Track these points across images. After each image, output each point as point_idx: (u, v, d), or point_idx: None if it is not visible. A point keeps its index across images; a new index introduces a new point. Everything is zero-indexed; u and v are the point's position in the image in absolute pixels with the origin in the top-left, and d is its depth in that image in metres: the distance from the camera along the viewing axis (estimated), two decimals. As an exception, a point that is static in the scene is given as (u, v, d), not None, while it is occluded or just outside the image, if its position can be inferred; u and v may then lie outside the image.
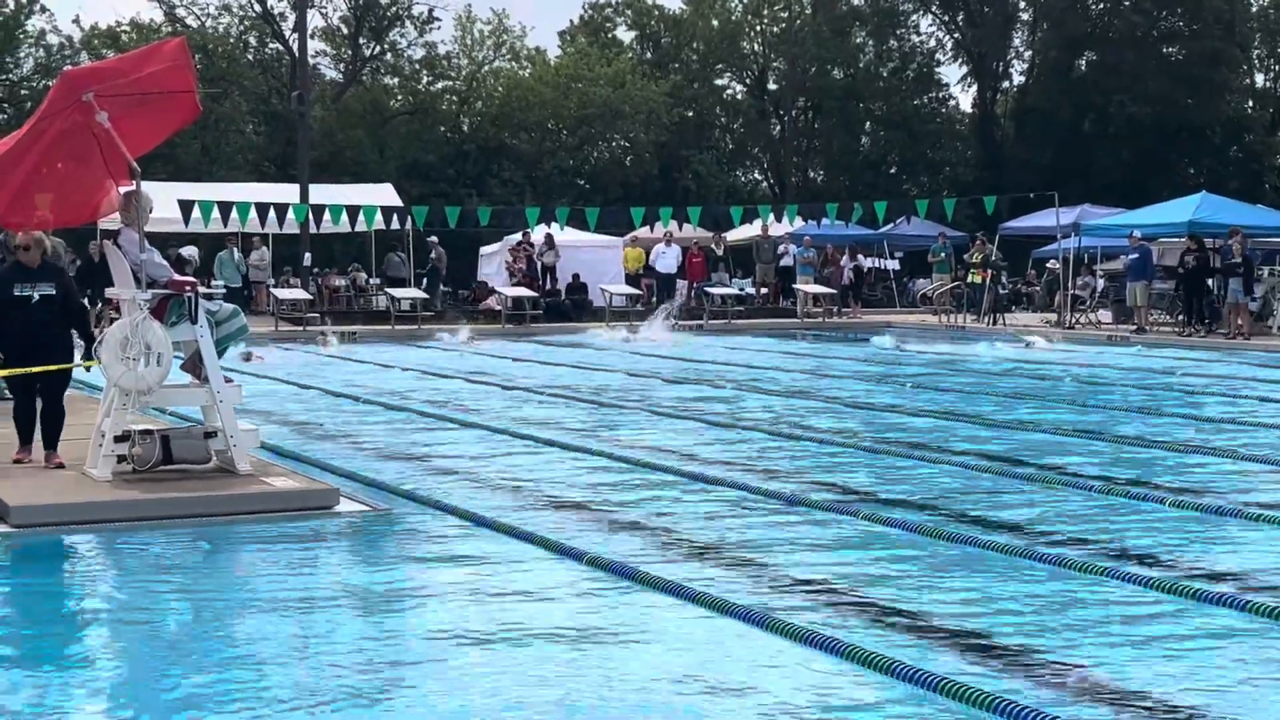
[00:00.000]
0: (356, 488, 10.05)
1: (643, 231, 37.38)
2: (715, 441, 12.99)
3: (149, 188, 10.87)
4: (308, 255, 34.74)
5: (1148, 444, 12.55)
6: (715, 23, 63.41)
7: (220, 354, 10.08)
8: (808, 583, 7.37)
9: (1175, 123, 54.29)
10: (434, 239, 35.31)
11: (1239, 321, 27.68)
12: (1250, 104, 60.32)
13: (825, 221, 35.19)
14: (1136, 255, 29.49)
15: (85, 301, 12.18)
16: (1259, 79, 62.33)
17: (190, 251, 30.46)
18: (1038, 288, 39.26)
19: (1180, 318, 29.69)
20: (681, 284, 35.87)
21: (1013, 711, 5.22)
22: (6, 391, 15.37)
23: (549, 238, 35.50)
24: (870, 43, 62.80)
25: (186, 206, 30.26)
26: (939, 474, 10.99)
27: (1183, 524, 8.98)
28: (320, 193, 35.28)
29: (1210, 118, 55.70)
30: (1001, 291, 34.35)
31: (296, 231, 34.82)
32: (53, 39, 54.12)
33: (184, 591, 7.49)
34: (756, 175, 66.14)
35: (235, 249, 33.38)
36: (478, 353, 24.68)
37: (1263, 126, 59.33)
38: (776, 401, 16.46)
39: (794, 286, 35.97)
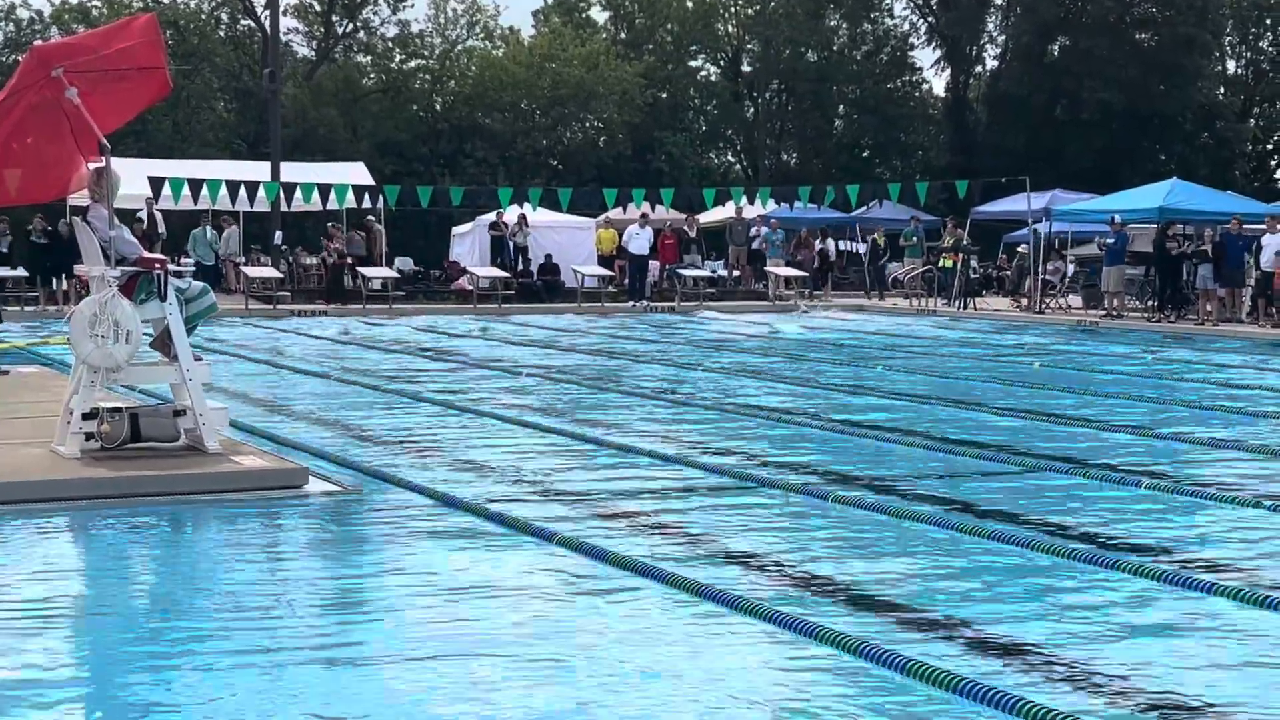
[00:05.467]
0: (326, 467, 10.03)
1: (615, 213, 37.37)
2: (693, 423, 13.01)
3: (119, 164, 10.81)
4: (279, 233, 34.62)
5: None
6: (689, 4, 63.39)
7: (189, 332, 10.03)
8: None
9: (1147, 109, 54.51)
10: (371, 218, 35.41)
11: (1209, 308, 27.87)
12: (1222, 91, 60.60)
13: (798, 204, 35.25)
14: (1114, 240, 29.62)
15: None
16: (1230, 66, 62.64)
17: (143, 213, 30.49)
18: (1008, 272, 39.39)
19: (1150, 303, 29.85)
20: (654, 265, 35.87)
21: (988, 696, 5.25)
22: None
23: (522, 218, 35.45)
24: (844, 26, 62.86)
25: (157, 184, 30.12)
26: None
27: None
28: (292, 171, 35.15)
29: (1182, 104, 55.94)
30: (972, 276, 34.46)
31: (267, 210, 34.70)
32: (22, 13, 53.92)
33: (149, 571, 7.48)
34: (730, 157, 66.19)
35: (209, 226, 33.25)
36: (451, 332, 24.67)
37: (1233, 113, 59.61)
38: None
39: (765, 269, 36.01)
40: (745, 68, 64.60)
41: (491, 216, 35.84)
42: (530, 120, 58.26)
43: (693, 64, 64.90)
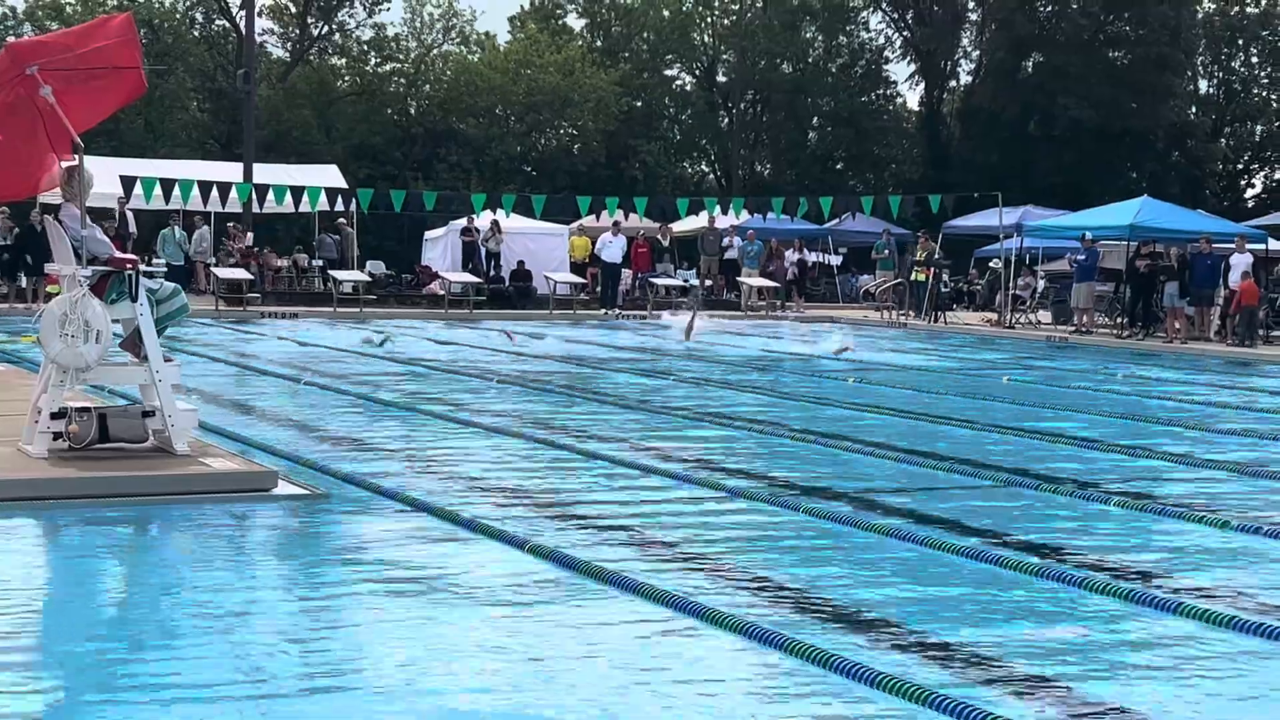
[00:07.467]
0: (296, 470, 9.99)
1: (589, 220, 37.39)
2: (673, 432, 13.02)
3: (91, 163, 10.76)
4: (250, 235, 34.53)
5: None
6: (666, 13, 63.51)
7: (160, 333, 9.99)
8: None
9: (1119, 126, 54.84)
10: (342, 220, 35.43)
11: (1176, 326, 28.03)
12: (1193, 110, 60.99)
13: (771, 215, 35.34)
14: (1085, 257, 29.79)
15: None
16: (1202, 85, 63.07)
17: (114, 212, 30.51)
18: (979, 286, 39.56)
19: (1120, 320, 30.02)
20: (626, 274, 35.91)
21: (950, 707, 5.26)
22: None
23: (495, 224, 35.44)
24: (820, 38, 63.09)
25: (129, 183, 30.00)
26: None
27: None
28: (265, 172, 35.07)
29: (1153, 122, 56.30)
30: (943, 290, 34.57)
31: (239, 211, 34.59)
32: (-4, 10, 53.60)
33: (114, 572, 7.44)
34: (704, 167, 66.33)
35: (178, 227, 33.12)
36: (425, 337, 24.63)
37: (1204, 132, 60.01)
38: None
39: (738, 279, 36.08)
40: (720, 78, 64.75)
41: (464, 222, 35.81)
42: (505, 126, 58.26)
43: (668, 73, 65.05)
